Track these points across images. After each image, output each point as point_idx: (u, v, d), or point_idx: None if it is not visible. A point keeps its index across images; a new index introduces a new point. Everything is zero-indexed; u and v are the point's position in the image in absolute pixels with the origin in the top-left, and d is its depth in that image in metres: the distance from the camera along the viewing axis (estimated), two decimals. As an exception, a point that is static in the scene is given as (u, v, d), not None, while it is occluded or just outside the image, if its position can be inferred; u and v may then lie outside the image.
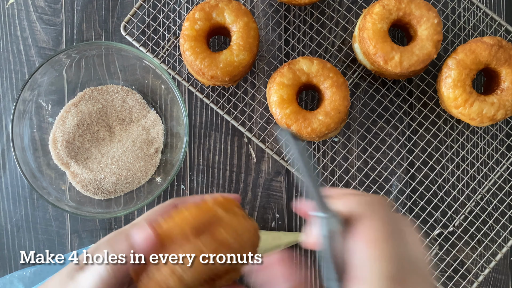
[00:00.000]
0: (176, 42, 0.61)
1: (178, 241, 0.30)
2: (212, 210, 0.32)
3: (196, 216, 0.31)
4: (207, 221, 0.31)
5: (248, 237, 0.32)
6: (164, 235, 0.30)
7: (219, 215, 0.31)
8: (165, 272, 0.29)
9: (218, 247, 0.30)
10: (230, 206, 0.33)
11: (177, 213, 0.31)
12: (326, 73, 0.54)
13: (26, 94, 0.55)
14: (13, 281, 0.59)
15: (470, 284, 0.58)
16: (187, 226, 0.30)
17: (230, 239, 0.30)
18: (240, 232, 0.31)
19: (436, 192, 0.60)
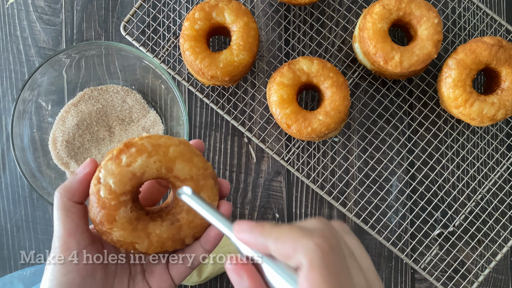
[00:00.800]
0: (176, 42, 0.61)
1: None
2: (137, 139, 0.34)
3: (121, 143, 0.34)
4: (128, 141, 0.34)
5: (174, 150, 0.33)
6: (98, 164, 0.34)
7: (140, 136, 0.34)
8: (92, 181, 0.33)
9: (126, 148, 0.33)
10: (156, 134, 0.35)
11: None
12: (326, 73, 0.54)
13: (26, 94, 0.55)
14: (13, 281, 0.59)
15: (470, 284, 0.58)
16: (112, 152, 0.33)
17: (140, 142, 0.33)
18: (158, 141, 0.33)
19: (436, 192, 0.60)
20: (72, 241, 0.33)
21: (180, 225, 0.35)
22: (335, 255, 0.25)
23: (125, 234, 0.33)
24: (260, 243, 0.27)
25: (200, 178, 0.34)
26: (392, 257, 0.60)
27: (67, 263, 0.33)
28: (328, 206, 0.60)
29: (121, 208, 0.33)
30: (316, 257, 0.25)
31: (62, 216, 0.33)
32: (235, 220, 0.61)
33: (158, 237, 0.34)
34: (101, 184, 0.32)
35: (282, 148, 0.60)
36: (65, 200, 0.33)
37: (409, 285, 0.60)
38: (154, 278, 0.36)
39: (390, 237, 0.59)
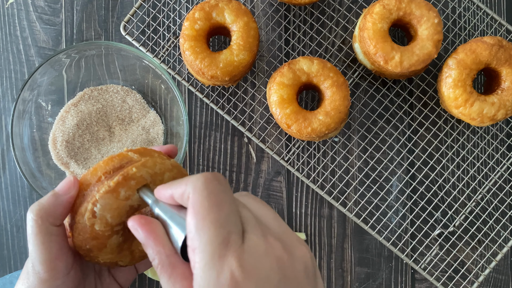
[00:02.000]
0: (176, 42, 0.61)
1: (92, 184, 0.32)
2: (126, 155, 0.33)
3: (109, 162, 0.32)
4: (119, 164, 0.32)
5: (169, 176, 0.32)
6: (81, 183, 0.32)
7: (131, 158, 0.32)
8: (84, 212, 0.31)
9: (125, 181, 0.31)
10: (148, 152, 0.33)
11: (96, 164, 0.33)
12: (326, 73, 0.54)
13: (26, 94, 0.55)
14: (13, 281, 0.59)
15: (470, 284, 0.58)
16: (100, 171, 0.32)
17: (139, 174, 0.31)
18: (154, 169, 0.32)
19: (437, 192, 0.60)
20: (61, 265, 0.32)
21: None
22: (219, 182, 0.27)
23: (112, 256, 0.33)
24: (168, 193, 0.29)
25: None
26: (392, 257, 0.60)
27: (57, 287, 0.32)
28: (328, 206, 0.60)
29: (113, 236, 0.32)
30: (199, 183, 0.27)
31: (46, 240, 0.31)
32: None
33: (140, 252, 0.35)
34: (97, 218, 0.31)
35: (282, 148, 0.60)
36: (47, 225, 0.31)
37: (409, 285, 0.60)
38: (120, 272, 0.37)
39: (390, 237, 0.59)
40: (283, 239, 0.28)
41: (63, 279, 0.32)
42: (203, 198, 0.26)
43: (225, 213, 0.26)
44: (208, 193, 0.27)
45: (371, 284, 0.60)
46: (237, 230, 0.26)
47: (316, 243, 0.60)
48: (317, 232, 0.60)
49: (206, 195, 0.27)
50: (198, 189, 0.27)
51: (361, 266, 0.60)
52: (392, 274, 0.60)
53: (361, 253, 0.60)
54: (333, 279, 0.60)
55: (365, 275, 0.60)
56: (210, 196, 0.27)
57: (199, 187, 0.27)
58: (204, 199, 0.26)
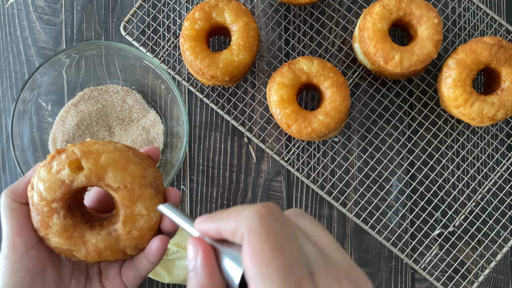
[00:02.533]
0: (176, 42, 0.61)
1: None
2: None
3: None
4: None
5: (107, 157, 0.33)
6: None
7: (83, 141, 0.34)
8: (28, 188, 0.34)
9: (58, 155, 0.33)
10: (93, 141, 0.34)
11: None
12: (326, 73, 0.54)
13: (26, 94, 0.55)
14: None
15: (470, 284, 0.58)
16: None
17: (70, 149, 0.33)
18: (90, 148, 0.33)
19: (436, 192, 0.60)
20: (19, 240, 0.33)
21: (118, 235, 0.34)
22: (275, 218, 0.25)
23: (61, 241, 0.33)
24: (213, 228, 0.27)
25: (136, 187, 0.33)
26: (392, 257, 0.60)
27: (15, 263, 0.33)
28: (328, 206, 0.60)
29: (54, 214, 0.33)
30: (254, 222, 0.24)
31: (8, 216, 0.33)
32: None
33: (94, 246, 0.34)
34: (34, 190, 0.33)
35: (282, 148, 0.60)
36: (9, 201, 0.34)
37: (409, 285, 0.60)
38: (108, 281, 0.37)
39: (390, 237, 0.59)
40: (353, 278, 0.25)
41: (21, 255, 0.33)
42: (263, 240, 0.24)
43: (290, 256, 0.24)
44: (267, 234, 0.24)
45: (371, 284, 0.60)
46: (306, 273, 0.24)
47: (316, 243, 0.60)
48: (317, 232, 0.60)
49: (265, 237, 0.24)
50: (255, 230, 0.24)
51: (361, 266, 0.60)
52: (392, 274, 0.60)
53: (361, 253, 0.60)
54: (333, 279, 0.60)
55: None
56: (270, 238, 0.24)
57: (255, 227, 0.24)
58: (264, 242, 0.23)
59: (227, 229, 0.26)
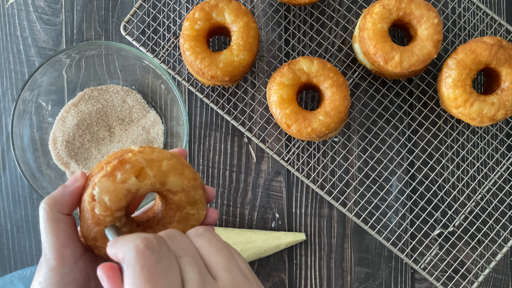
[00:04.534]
0: (176, 42, 0.61)
1: (95, 174, 0.34)
2: (128, 148, 0.34)
3: (112, 155, 0.34)
4: (120, 154, 0.34)
5: (167, 164, 0.33)
6: (88, 176, 0.34)
7: (132, 149, 0.34)
8: (85, 198, 0.33)
9: (121, 165, 0.33)
10: (149, 146, 0.35)
11: None
12: (326, 73, 0.54)
13: (26, 94, 0.55)
14: (13, 281, 0.59)
15: (470, 284, 0.58)
16: (104, 163, 0.34)
17: (134, 158, 0.33)
18: (151, 156, 0.33)
19: (436, 192, 0.60)
20: (68, 252, 0.33)
21: None
22: (151, 252, 0.27)
23: None
24: (113, 254, 0.29)
25: (190, 189, 0.35)
26: (392, 257, 0.60)
27: (65, 275, 0.33)
28: (328, 206, 0.60)
29: (115, 223, 0.33)
30: (131, 256, 0.27)
31: (54, 227, 0.33)
32: (235, 220, 0.61)
33: None
34: (96, 201, 0.32)
35: (282, 148, 0.60)
36: (55, 212, 0.33)
37: (409, 285, 0.60)
38: None
39: (390, 237, 0.59)
40: None
41: (71, 267, 0.33)
42: (136, 273, 0.26)
43: (161, 286, 0.26)
44: (140, 267, 0.26)
45: (371, 284, 0.60)
46: None
47: (316, 243, 0.60)
48: (317, 232, 0.60)
49: (138, 270, 0.26)
50: (131, 263, 0.27)
51: (361, 266, 0.60)
52: (392, 274, 0.60)
53: (361, 253, 0.60)
54: (333, 279, 0.60)
55: (365, 275, 0.60)
56: (143, 271, 0.26)
57: (131, 260, 0.27)
58: (137, 275, 0.26)
59: (120, 258, 0.28)
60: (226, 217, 0.60)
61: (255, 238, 0.58)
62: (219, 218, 0.60)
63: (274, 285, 0.60)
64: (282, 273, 0.60)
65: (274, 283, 0.60)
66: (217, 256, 0.29)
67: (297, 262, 0.60)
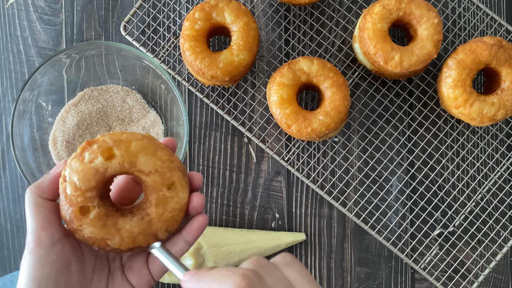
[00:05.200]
0: (176, 42, 0.61)
1: None
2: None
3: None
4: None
5: (136, 144, 0.34)
6: None
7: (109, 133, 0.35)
8: (60, 181, 0.34)
9: (89, 146, 0.34)
10: (119, 131, 0.36)
11: None
12: (326, 73, 0.54)
13: (26, 94, 0.55)
14: (13, 280, 0.59)
15: (470, 284, 0.58)
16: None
17: (101, 139, 0.34)
18: (120, 137, 0.34)
19: (436, 192, 0.60)
20: (45, 235, 0.34)
21: (150, 219, 0.35)
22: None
23: (95, 230, 0.34)
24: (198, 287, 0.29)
25: (165, 170, 0.35)
26: (392, 257, 0.60)
27: (41, 257, 0.33)
28: (328, 206, 0.60)
29: (89, 203, 0.34)
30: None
31: (34, 211, 0.34)
32: (235, 219, 0.61)
33: (128, 232, 0.35)
34: (67, 182, 0.33)
35: (282, 148, 0.60)
36: (35, 197, 0.34)
37: (409, 285, 0.60)
38: (133, 273, 0.37)
39: (390, 237, 0.59)
40: None
41: (47, 249, 0.34)
42: None
43: None
44: None
45: (371, 284, 0.60)
46: None
47: (316, 243, 0.60)
48: (317, 232, 0.60)
49: None
50: None
51: (361, 266, 0.60)
52: (392, 274, 0.60)
53: (361, 253, 0.60)
54: (333, 279, 0.60)
55: (365, 275, 0.60)
56: None
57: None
58: None
59: None
60: (226, 217, 0.60)
61: (255, 238, 0.58)
62: (219, 218, 0.60)
63: (274, 285, 0.60)
64: (282, 273, 0.60)
65: (274, 283, 0.60)
66: (310, 286, 0.29)
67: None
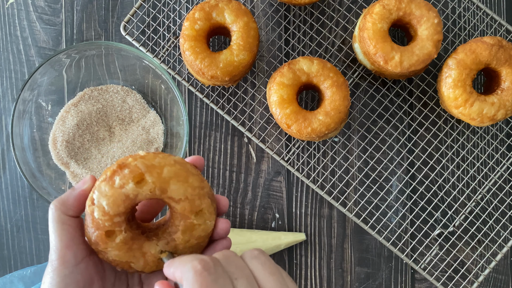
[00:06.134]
0: (176, 42, 0.61)
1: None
2: (136, 154, 0.34)
3: (119, 160, 0.34)
4: (126, 159, 0.33)
5: (169, 170, 0.33)
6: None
7: (136, 154, 0.34)
8: (87, 202, 0.33)
9: (120, 170, 0.32)
10: (152, 153, 0.35)
11: None
12: (326, 73, 0.54)
13: (26, 94, 0.55)
14: (13, 280, 0.59)
15: (470, 284, 0.58)
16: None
17: (133, 163, 0.32)
18: (152, 162, 0.33)
19: (436, 192, 0.60)
20: (69, 253, 0.33)
21: (176, 244, 0.34)
22: (208, 273, 0.28)
23: (120, 254, 0.33)
24: (170, 273, 0.30)
25: (195, 198, 0.34)
26: (392, 257, 0.60)
27: (65, 276, 0.33)
28: (328, 206, 0.60)
29: (116, 228, 0.33)
30: (190, 277, 0.28)
31: (58, 228, 0.33)
32: (235, 220, 0.61)
33: (153, 257, 0.34)
34: (95, 205, 0.32)
35: (282, 148, 0.60)
36: (59, 213, 0.33)
37: (409, 285, 0.60)
38: (150, 284, 0.37)
39: (390, 237, 0.59)
40: None
41: (72, 269, 0.33)
42: None
43: None
44: (198, 287, 0.27)
45: (371, 284, 0.60)
46: None
47: (316, 243, 0.60)
48: (317, 232, 0.60)
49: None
50: (189, 283, 0.28)
51: (361, 266, 0.60)
52: (392, 274, 0.60)
53: (361, 253, 0.60)
54: (333, 279, 0.60)
55: (365, 275, 0.60)
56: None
57: (189, 280, 0.28)
58: None
59: (177, 278, 0.30)
60: (226, 217, 0.60)
61: (255, 238, 0.58)
62: (219, 218, 0.60)
63: (274, 285, 0.60)
64: (282, 273, 0.60)
65: (274, 283, 0.60)
66: (271, 280, 0.30)
67: (297, 262, 0.60)
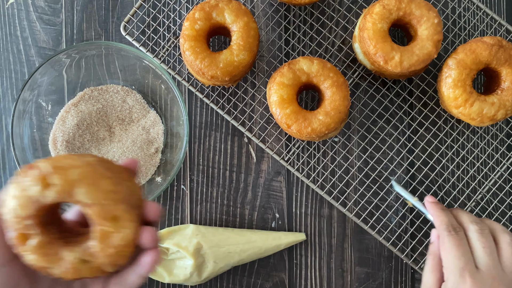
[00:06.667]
0: (176, 42, 0.61)
1: None
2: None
3: None
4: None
5: (75, 172, 0.31)
6: None
7: (56, 156, 0.33)
8: (1, 204, 0.32)
9: (28, 170, 0.32)
10: (68, 154, 0.34)
11: None
12: (326, 73, 0.54)
13: (26, 94, 0.55)
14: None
15: (470, 284, 0.58)
16: None
17: (39, 163, 0.31)
18: (59, 163, 0.31)
19: (437, 192, 0.60)
20: None
21: (93, 252, 0.33)
22: (455, 233, 0.48)
23: (36, 258, 0.32)
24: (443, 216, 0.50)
25: (108, 203, 0.32)
26: (392, 257, 0.60)
27: None
28: (328, 206, 0.60)
29: (29, 231, 0.32)
30: (445, 234, 0.48)
31: None
32: (235, 219, 0.60)
33: (69, 263, 0.32)
34: (5, 207, 0.31)
35: (282, 148, 0.60)
36: None
37: (409, 285, 0.60)
38: None
39: (390, 237, 0.59)
40: None
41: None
42: (449, 240, 0.47)
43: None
44: (450, 238, 0.47)
45: (371, 284, 0.60)
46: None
47: (316, 243, 0.60)
48: (317, 232, 0.60)
49: (450, 239, 0.47)
50: (445, 237, 0.47)
51: (361, 266, 0.60)
52: (392, 274, 0.60)
53: (361, 253, 0.60)
54: (333, 279, 0.60)
55: (365, 275, 0.60)
56: (452, 240, 0.47)
57: (445, 236, 0.48)
58: (450, 241, 0.47)
59: (439, 224, 0.49)
60: (226, 217, 0.60)
61: (255, 238, 0.58)
62: (219, 218, 0.60)
63: (274, 285, 0.60)
64: (282, 273, 0.60)
65: (274, 283, 0.60)
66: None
67: (297, 262, 0.60)
